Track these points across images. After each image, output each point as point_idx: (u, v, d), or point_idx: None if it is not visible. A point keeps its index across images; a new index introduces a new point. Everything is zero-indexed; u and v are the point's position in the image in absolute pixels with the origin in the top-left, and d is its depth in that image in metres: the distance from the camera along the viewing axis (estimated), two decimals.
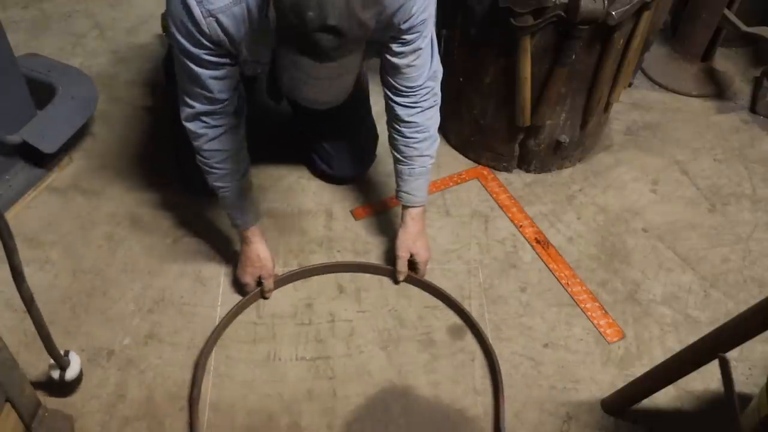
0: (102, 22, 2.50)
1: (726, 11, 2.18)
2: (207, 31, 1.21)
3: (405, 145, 1.53)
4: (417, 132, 1.51)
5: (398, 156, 1.56)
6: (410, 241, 1.61)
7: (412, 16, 1.30)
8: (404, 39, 1.36)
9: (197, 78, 1.28)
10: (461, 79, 1.88)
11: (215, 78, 1.29)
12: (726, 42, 2.37)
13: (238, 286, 1.62)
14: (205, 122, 1.36)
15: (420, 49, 1.39)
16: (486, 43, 1.75)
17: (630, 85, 2.26)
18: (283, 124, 1.97)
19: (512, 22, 1.60)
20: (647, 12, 1.68)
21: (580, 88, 1.79)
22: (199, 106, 1.34)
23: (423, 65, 1.42)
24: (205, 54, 1.25)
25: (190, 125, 1.37)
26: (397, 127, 1.52)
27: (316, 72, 1.06)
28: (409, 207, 1.60)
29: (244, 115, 1.44)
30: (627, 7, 1.57)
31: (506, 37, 1.66)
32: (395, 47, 1.37)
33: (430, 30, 1.38)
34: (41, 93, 1.84)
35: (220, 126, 1.37)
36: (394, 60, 1.40)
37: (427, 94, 1.47)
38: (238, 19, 1.21)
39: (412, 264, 1.64)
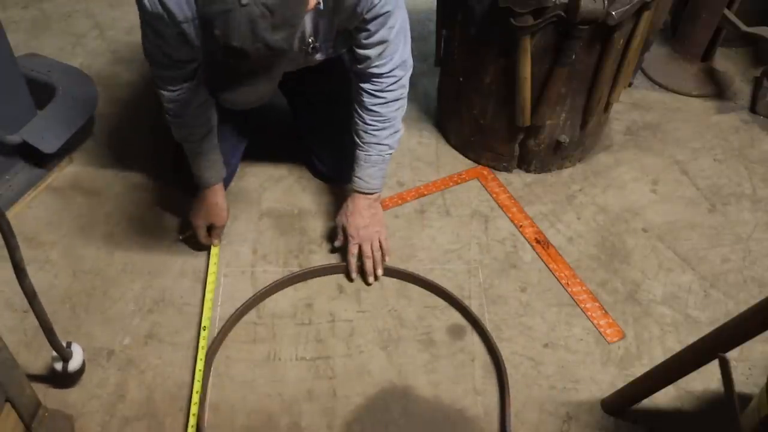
0: (102, 22, 2.50)
1: (726, 11, 2.18)
2: (147, 3, 1.23)
3: (364, 131, 1.55)
4: (378, 121, 1.53)
5: (357, 140, 1.58)
6: (357, 220, 1.61)
7: (375, 6, 1.32)
8: (369, 29, 1.37)
9: (152, 38, 1.34)
10: (461, 79, 1.88)
11: (171, 48, 1.34)
12: (726, 42, 2.37)
13: (187, 224, 1.67)
14: (165, 87, 1.43)
15: (386, 41, 1.40)
16: (486, 43, 1.75)
17: (630, 85, 2.26)
18: (283, 124, 1.97)
19: (512, 22, 1.60)
20: (647, 12, 1.68)
21: (580, 88, 1.79)
22: (160, 70, 1.41)
23: (389, 55, 1.43)
24: (156, 24, 1.28)
25: (156, 84, 1.45)
26: (360, 112, 1.54)
27: (236, 76, 1.06)
28: (355, 191, 1.63)
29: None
30: (627, 7, 1.57)
31: (506, 37, 1.66)
32: (361, 37, 1.39)
33: (397, 22, 1.39)
34: (41, 93, 1.84)
35: (180, 89, 1.43)
36: (360, 51, 1.43)
37: (393, 84, 1.48)
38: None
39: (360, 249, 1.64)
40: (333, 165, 1.85)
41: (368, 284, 1.66)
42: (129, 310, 1.60)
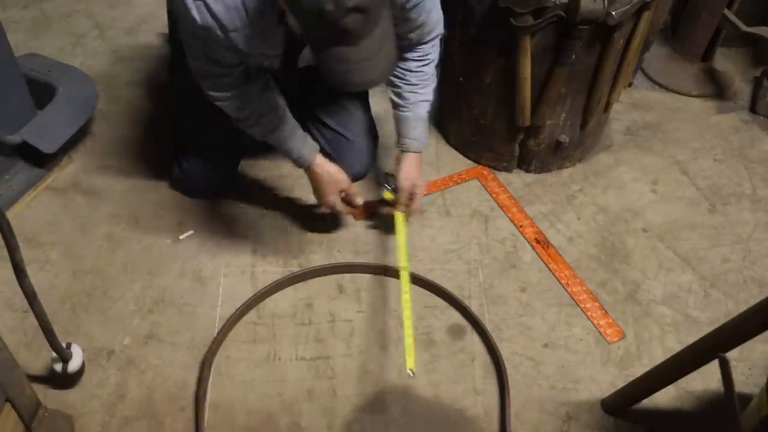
0: (102, 22, 2.50)
1: (726, 11, 2.18)
2: (197, 16, 1.24)
3: (412, 92, 1.60)
4: (423, 80, 1.60)
5: (402, 103, 1.61)
6: (414, 173, 1.64)
7: None
8: (410, 17, 1.44)
9: (204, 52, 1.34)
10: (461, 79, 1.88)
11: (220, 56, 1.34)
12: (726, 42, 2.37)
13: (326, 204, 1.66)
14: (224, 96, 1.44)
15: (424, 23, 1.49)
16: (486, 43, 1.75)
17: (630, 85, 2.26)
18: None
19: (512, 22, 1.60)
20: (647, 12, 1.68)
21: (580, 88, 1.79)
22: (212, 80, 1.41)
23: (429, 29, 1.52)
24: (203, 31, 1.29)
25: (212, 95, 1.44)
26: (405, 76, 1.58)
27: (357, 55, 1.08)
28: (409, 153, 1.65)
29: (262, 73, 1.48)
30: (627, 7, 1.57)
31: (506, 37, 1.66)
32: (404, 28, 1.45)
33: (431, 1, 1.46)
34: (41, 93, 1.84)
35: (239, 91, 1.43)
36: (402, 38, 1.48)
37: (432, 47, 1.58)
38: (229, 7, 1.23)
39: (411, 196, 1.66)
40: (342, 167, 1.85)
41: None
42: (129, 310, 1.60)
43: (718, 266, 1.76)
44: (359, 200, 1.68)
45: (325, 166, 1.61)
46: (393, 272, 1.68)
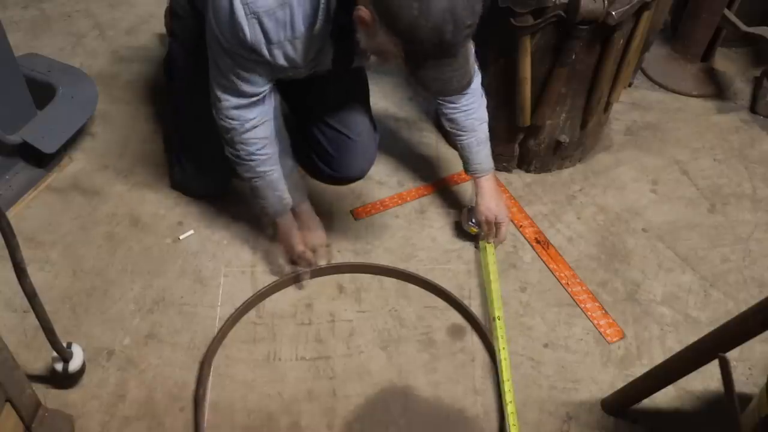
0: (102, 22, 2.50)
1: (726, 11, 2.18)
2: (247, 31, 1.23)
3: (466, 118, 1.59)
4: (473, 102, 1.58)
5: (461, 132, 1.62)
6: (493, 204, 1.65)
7: None
8: None
9: (230, 75, 1.33)
10: None
11: (248, 77, 1.33)
12: (726, 42, 2.37)
13: (291, 255, 1.63)
14: (237, 119, 1.40)
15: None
16: (486, 43, 1.74)
17: (630, 85, 2.26)
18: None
19: (512, 22, 1.60)
20: (647, 12, 1.68)
21: (580, 88, 1.79)
22: (232, 100, 1.37)
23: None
24: (244, 52, 1.28)
25: (221, 120, 1.41)
26: (453, 103, 1.58)
27: (456, 64, 1.15)
28: (480, 177, 1.66)
29: (277, 100, 1.48)
30: (627, 7, 1.57)
31: (506, 37, 1.66)
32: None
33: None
34: (41, 93, 1.84)
35: (253, 118, 1.41)
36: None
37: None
38: (280, 22, 1.24)
39: (496, 226, 1.68)
40: (340, 166, 1.85)
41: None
42: (129, 310, 1.60)
43: (718, 266, 1.76)
44: (324, 254, 1.66)
45: (308, 212, 1.63)
46: (393, 272, 1.68)
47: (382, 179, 1.92)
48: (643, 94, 2.31)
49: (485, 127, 1.64)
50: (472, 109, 1.59)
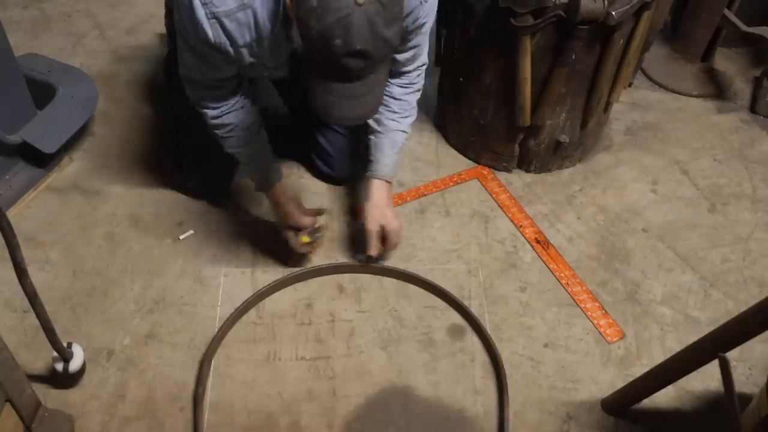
0: (102, 22, 2.50)
1: (726, 11, 2.18)
2: (209, 33, 1.23)
3: (392, 119, 1.59)
4: (405, 109, 1.59)
5: (380, 130, 1.60)
6: (379, 213, 1.61)
7: (418, 19, 1.38)
8: (409, 38, 1.43)
9: (199, 64, 1.33)
10: (461, 79, 1.88)
11: (217, 65, 1.34)
12: (726, 42, 2.36)
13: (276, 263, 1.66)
14: (208, 105, 1.42)
15: (418, 46, 1.48)
16: (486, 43, 1.75)
17: (630, 85, 2.26)
18: (283, 124, 1.97)
19: (512, 22, 1.60)
20: (647, 12, 1.68)
21: (580, 88, 1.79)
22: (201, 91, 1.39)
23: (418, 57, 1.53)
24: (210, 50, 1.28)
25: (196, 106, 1.43)
26: (387, 103, 1.56)
27: (348, 91, 1.10)
28: (377, 179, 1.63)
29: (248, 91, 1.48)
30: (627, 7, 1.57)
31: (506, 37, 1.66)
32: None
33: (430, 25, 1.46)
34: (41, 93, 1.84)
35: (224, 105, 1.42)
36: (396, 55, 1.47)
37: (419, 75, 1.58)
38: (242, 24, 1.23)
39: (384, 235, 1.63)
40: (340, 166, 1.85)
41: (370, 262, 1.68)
42: (129, 310, 1.60)
43: (718, 266, 1.76)
44: (311, 247, 1.64)
45: (284, 195, 1.59)
46: (393, 272, 1.68)
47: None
48: (643, 94, 2.31)
49: (402, 138, 1.62)
50: (401, 115, 1.59)
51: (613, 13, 1.56)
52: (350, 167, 1.87)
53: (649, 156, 2.08)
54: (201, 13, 1.19)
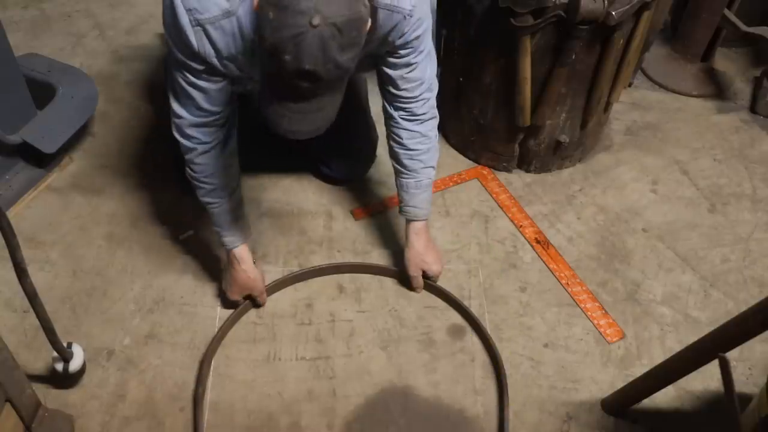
0: (102, 22, 2.50)
1: (726, 11, 2.18)
2: (194, 41, 1.19)
3: (410, 158, 1.51)
4: (420, 143, 1.49)
5: (402, 170, 1.53)
6: (419, 258, 1.60)
7: (405, 33, 1.31)
8: (399, 53, 1.36)
9: (188, 89, 1.28)
10: (461, 79, 1.88)
11: (206, 90, 1.29)
12: (726, 42, 2.37)
13: (226, 300, 1.59)
14: (194, 136, 1.35)
15: (414, 63, 1.38)
16: (486, 43, 1.75)
17: (630, 85, 2.26)
18: None
19: (512, 22, 1.60)
20: (647, 12, 1.68)
21: (580, 88, 1.79)
22: (189, 117, 1.33)
23: (418, 78, 1.41)
24: (197, 65, 1.24)
25: (180, 137, 1.36)
26: (399, 139, 1.50)
27: (299, 108, 1.07)
28: (413, 221, 1.58)
29: (235, 128, 1.42)
30: (627, 7, 1.57)
31: (506, 37, 1.66)
32: (390, 60, 1.38)
33: (425, 45, 1.38)
34: (41, 93, 1.84)
35: (210, 141, 1.36)
36: (389, 71, 1.40)
37: (424, 105, 1.46)
38: (227, 33, 1.19)
39: (426, 278, 1.64)
40: (343, 168, 1.85)
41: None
42: (129, 310, 1.60)
43: (718, 266, 1.76)
44: (263, 301, 1.59)
45: (244, 268, 1.50)
46: (393, 272, 1.68)
47: (382, 179, 1.92)
48: (643, 94, 2.31)
49: (430, 173, 1.54)
50: (419, 151, 1.49)
51: (613, 13, 1.56)
52: (349, 168, 1.87)
53: (649, 156, 2.08)
54: (185, 20, 1.16)
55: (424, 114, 1.47)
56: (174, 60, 1.25)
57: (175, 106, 1.33)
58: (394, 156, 1.54)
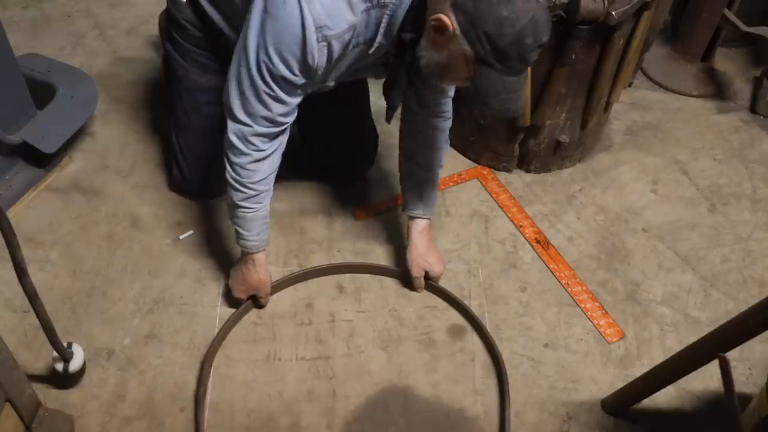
0: (102, 22, 2.50)
1: (726, 11, 2.18)
2: (315, 57, 1.18)
3: (428, 154, 1.56)
4: (443, 140, 1.56)
5: (416, 167, 1.58)
6: (422, 259, 1.61)
7: None
8: None
9: (269, 101, 1.26)
10: None
11: (289, 103, 1.29)
12: (726, 42, 2.37)
13: (230, 296, 1.59)
14: (255, 144, 1.32)
15: None
16: None
17: (630, 85, 2.26)
18: None
19: None
20: (647, 12, 1.68)
21: (580, 88, 1.79)
22: (256, 127, 1.30)
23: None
24: (300, 79, 1.23)
25: (238, 142, 1.32)
26: (420, 135, 1.54)
27: (517, 84, 1.15)
28: (417, 220, 1.60)
29: (287, 137, 1.41)
30: (627, 7, 1.57)
31: None
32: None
33: None
34: (41, 93, 1.84)
35: (268, 149, 1.35)
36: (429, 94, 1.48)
37: (449, 102, 1.54)
38: (343, 45, 1.21)
39: (428, 278, 1.64)
40: (343, 167, 1.85)
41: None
42: (129, 310, 1.60)
43: (718, 266, 1.76)
44: (266, 303, 1.60)
45: (259, 270, 1.51)
46: (393, 272, 1.68)
47: (383, 179, 1.92)
48: (643, 94, 2.31)
49: (439, 172, 1.62)
50: (438, 148, 1.56)
51: (613, 13, 1.56)
52: (350, 168, 1.87)
53: (649, 156, 2.08)
54: (313, 39, 1.15)
55: (447, 111, 1.54)
56: (271, 75, 1.22)
57: (242, 115, 1.29)
58: (410, 153, 1.58)
